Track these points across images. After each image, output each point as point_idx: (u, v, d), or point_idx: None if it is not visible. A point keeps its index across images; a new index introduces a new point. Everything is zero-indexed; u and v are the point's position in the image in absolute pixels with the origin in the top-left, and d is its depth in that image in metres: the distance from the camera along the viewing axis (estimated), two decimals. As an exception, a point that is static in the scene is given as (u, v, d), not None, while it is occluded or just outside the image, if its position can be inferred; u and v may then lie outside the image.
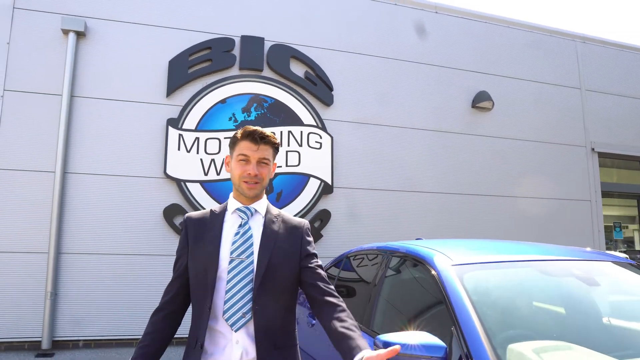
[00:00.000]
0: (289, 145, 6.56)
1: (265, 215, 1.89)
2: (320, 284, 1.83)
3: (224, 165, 1.67)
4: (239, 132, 1.87)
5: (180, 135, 6.17)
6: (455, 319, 2.01)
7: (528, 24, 8.73)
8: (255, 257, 1.76)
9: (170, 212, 6.02)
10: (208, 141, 6.27)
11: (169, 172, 6.06)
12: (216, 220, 1.88)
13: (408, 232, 6.79)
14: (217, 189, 6.24)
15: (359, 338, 1.63)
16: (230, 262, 1.75)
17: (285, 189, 6.47)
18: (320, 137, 6.72)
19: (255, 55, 6.65)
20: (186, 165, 6.10)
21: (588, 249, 3.10)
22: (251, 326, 1.71)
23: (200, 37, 6.50)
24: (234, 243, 1.78)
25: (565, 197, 8.39)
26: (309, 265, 1.84)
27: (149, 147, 6.15)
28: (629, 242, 10.56)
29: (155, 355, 1.75)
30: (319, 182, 6.62)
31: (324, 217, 6.60)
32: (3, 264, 5.55)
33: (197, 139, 6.23)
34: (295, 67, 6.88)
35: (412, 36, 7.71)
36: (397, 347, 1.50)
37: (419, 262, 2.55)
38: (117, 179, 5.96)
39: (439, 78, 7.76)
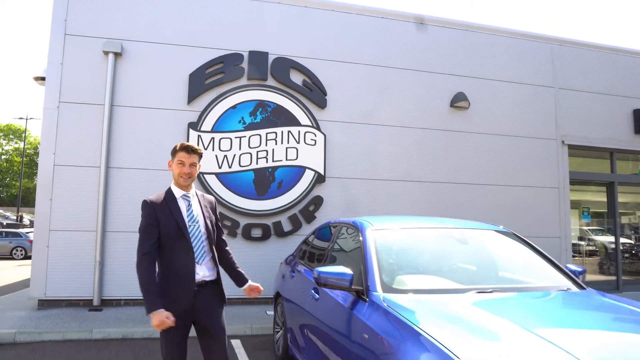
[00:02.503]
0: (288, 143, 7.88)
1: (197, 197, 3.09)
2: (223, 238, 3.27)
3: (167, 165, 2.93)
4: (178, 146, 3.03)
5: (199, 135, 7.55)
6: (364, 259, 3.32)
7: (506, 30, 9.78)
8: (200, 223, 2.99)
9: (192, 198, 7.44)
10: (222, 140, 7.64)
11: (190, 165, 7.44)
12: (172, 203, 2.95)
13: (389, 214, 8.06)
14: (229, 180, 7.61)
15: (245, 274, 3.28)
16: (189, 227, 2.93)
17: (285, 178, 7.82)
18: (315, 135, 8.03)
19: (260, 67, 7.95)
20: (204, 160, 7.43)
21: (501, 227, 4.30)
22: (206, 260, 2.99)
23: (215, 54, 7.83)
24: (188, 215, 2.96)
25: (536, 185, 9.53)
26: (219, 224, 3.21)
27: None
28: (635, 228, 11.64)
29: None
30: (313, 173, 7.95)
31: (317, 202, 7.93)
32: (62, 240, 7.04)
33: (213, 138, 7.60)
34: (294, 76, 8.17)
35: (398, 45, 8.89)
36: (261, 288, 3.28)
37: (355, 229, 3.86)
38: (149, 172, 7.34)
39: (421, 81, 8.94)
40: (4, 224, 33.39)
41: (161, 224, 2.88)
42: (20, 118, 45.83)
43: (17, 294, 8.63)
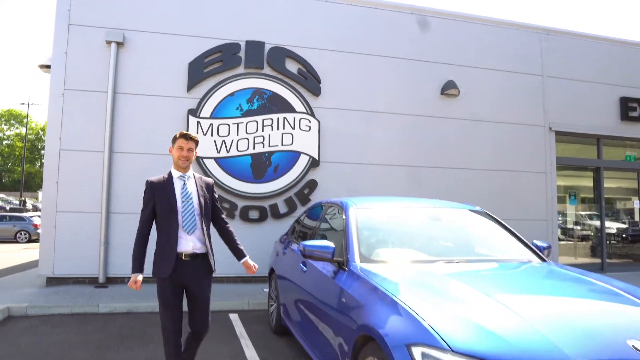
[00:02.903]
0: (284, 129, 8.22)
1: (194, 178, 3.48)
2: (223, 217, 3.64)
3: (168, 151, 3.44)
4: (177, 134, 3.44)
5: (198, 122, 7.89)
6: (345, 234, 3.69)
7: (495, 20, 10.06)
8: (194, 200, 3.38)
9: (192, 182, 7.80)
10: (220, 126, 7.98)
11: (190, 150, 7.79)
12: (169, 183, 3.38)
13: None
14: (227, 164, 7.97)
15: (244, 249, 3.59)
16: (183, 203, 3.33)
17: (281, 163, 8.18)
18: (310, 122, 8.36)
19: (257, 56, 8.26)
20: (203, 145, 7.80)
21: (478, 207, 4.65)
22: (197, 232, 3.34)
23: (213, 43, 8.13)
24: (182, 193, 3.36)
25: (524, 170, 9.88)
26: (216, 204, 3.59)
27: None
28: (630, 213, 11.98)
29: None
30: (308, 157, 8.30)
31: (312, 185, 8.30)
32: (68, 221, 7.42)
33: (212, 124, 7.94)
34: (290, 65, 8.47)
35: (390, 35, 9.18)
36: (254, 269, 3.56)
37: (340, 207, 4.22)
38: (150, 156, 7.65)
39: (412, 70, 9.24)
40: (8, 208, 33.84)
41: (157, 199, 3.34)
42: (22, 104, 46.18)
43: (26, 273, 9.05)
